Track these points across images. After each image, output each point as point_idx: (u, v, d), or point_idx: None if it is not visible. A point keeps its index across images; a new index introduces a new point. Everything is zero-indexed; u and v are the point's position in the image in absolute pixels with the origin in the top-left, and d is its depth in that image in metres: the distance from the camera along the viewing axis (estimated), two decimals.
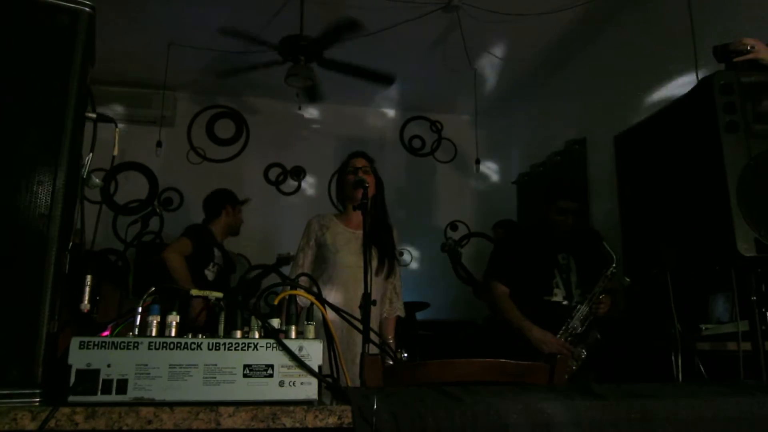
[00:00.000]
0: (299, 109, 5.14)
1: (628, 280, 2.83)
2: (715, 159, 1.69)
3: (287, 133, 6.09)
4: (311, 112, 5.79)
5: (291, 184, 6.11)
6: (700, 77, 2.85)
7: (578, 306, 2.91)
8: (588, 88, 4.86)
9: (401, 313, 2.89)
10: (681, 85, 3.47)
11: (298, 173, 6.12)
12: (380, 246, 2.73)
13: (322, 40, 4.08)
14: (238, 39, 4.16)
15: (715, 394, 1.15)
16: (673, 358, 2.25)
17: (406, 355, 2.86)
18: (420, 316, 5.24)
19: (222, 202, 3.95)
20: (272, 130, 6.10)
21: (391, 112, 6.39)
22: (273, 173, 6.09)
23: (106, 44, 4.62)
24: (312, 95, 4.78)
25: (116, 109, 5.41)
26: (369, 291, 2.14)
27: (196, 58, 5.07)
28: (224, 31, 4.09)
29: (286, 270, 4.72)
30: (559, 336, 2.87)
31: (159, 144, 5.26)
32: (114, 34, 4.58)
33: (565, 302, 2.97)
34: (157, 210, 4.98)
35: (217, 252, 3.82)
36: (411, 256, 5.87)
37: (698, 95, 1.81)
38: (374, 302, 2.14)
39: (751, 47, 1.78)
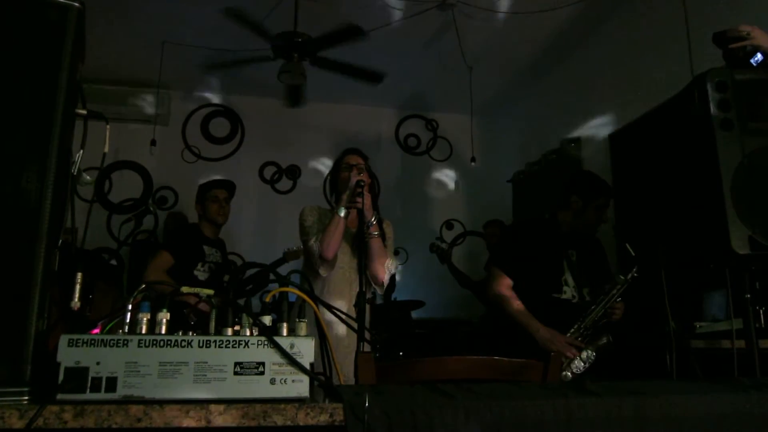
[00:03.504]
0: (297, 107, 5.13)
1: (623, 277, 2.80)
2: (710, 157, 1.68)
3: (282, 132, 6.08)
4: (306, 110, 5.77)
5: (286, 182, 6.09)
6: (694, 76, 2.85)
7: (592, 307, 2.79)
8: (583, 86, 4.86)
9: (389, 266, 2.67)
10: (676, 83, 3.47)
11: (293, 172, 6.11)
12: None
13: (320, 41, 4.05)
14: (240, 25, 4.07)
15: (708, 391, 1.15)
16: (667, 355, 2.25)
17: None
18: (415, 314, 5.24)
19: (196, 201, 3.86)
20: (267, 129, 6.08)
21: (386, 111, 6.38)
22: (268, 172, 6.08)
23: (100, 42, 4.60)
24: (295, 98, 4.75)
25: (109, 108, 5.38)
26: (363, 290, 2.13)
27: (190, 57, 5.05)
28: (228, 13, 3.99)
29: (288, 266, 4.69)
30: (569, 335, 2.75)
31: (153, 142, 5.25)
32: (108, 32, 4.56)
33: (575, 300, 2.85)
34: (152, 209, 4.97)
35: (208, 250, 3.72)
36: (406, 255, 5.86)
37: (692, 93, 1.81)
38: (369, 301, 2.13)
39: (747, 33, 1.79)
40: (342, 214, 2.52)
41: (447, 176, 6.48)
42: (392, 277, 2.82)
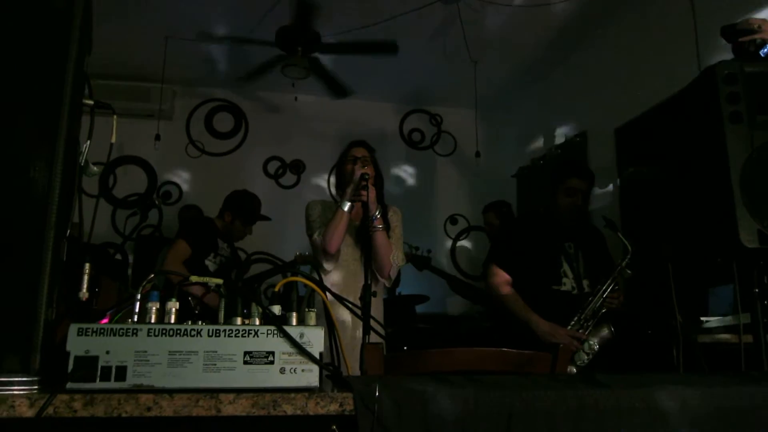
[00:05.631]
0: (296, 100, 5.13)
1: (629, 272, 2.79)
2: (718, 150, 1.67)
3: (286, 127, 6.07)
4: (310, 105, 5.76)
5: (290, 177, 6.09)
6: (702, 69, 2.83)
7: (590, 298, 2.78)
8: (589, 80, 4.84)
9: (395, 260, 2.65)
10: (682, 77, 3.46)
11: (297, 167, 6.10)
12: None
13: (322, 47, 4.08)
14: (231, 42, 4.16)
15: (719, 383, 1.14)
16: (674, 350, 2.24)
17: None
18: (419, 309, 5.24)
19: (226, 206, 3.90)
20: (271, 124, 6.08)
21: (390, 105, 6.36)
22: (272, 167, 6.08)
23: (104, 37, 4.56)
24: (339, 91, 4.81)
25: (114, 103, 5.36)
26: (369, 282, 2.13)
27: (193, 51, 5.04)
28: (211, 38, 4.09)
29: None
30: (569, 328, 2.75)
31: (157, 137, 5.25)
32: (111, 27, 4.55)
33: (574, 292, 2.84)
34: (156, 203, 4.98)
35: (221, 243, 3.78)
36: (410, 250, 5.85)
37: (701, 85, 1.80)
38: (374, 293, 2.13)
39: (758, 27, 1.77)
40: (346, 208, 2.52)
41: (451, 171, 6.46)
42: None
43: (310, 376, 0.98)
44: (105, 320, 1.03)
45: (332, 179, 2.92)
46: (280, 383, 0.97)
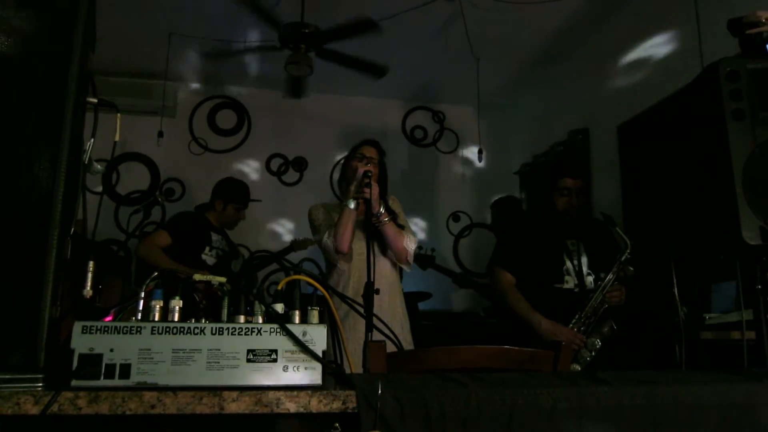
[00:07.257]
0: (299, 98, 5.12)
1: (631, 269, 2.79)
2: (721, 147, 1.67)
3: (289, 124, 6.07)
4: (313, 102, 5.75)
5: (293, 174, 6.09)
6: (704, 66, 2.82)
7: (591, 294, 2.79)
8: (592, 77, 4.83)
9: (409, 244, 2.70)
10: (685, 74, 3.45)
11: (300, 164, 6.10)
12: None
13: (330, 34, 4.04)
14: (249, 13, 4.09)
15: (721, 380, 1.14)
16: (676, 347, 2.24)
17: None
18: (422, 306, 5.24)
19: (216, 195, 3.93)
20: (274, 121, 6.07)
21: (393, 102, 6.35)
22: (275, 164, 6.08)
23: (107, 34, 4.59)
24: (297, 90, 4.77)
25: (117, 100, 5.36)
26: (372, 280, 2.13)
27: (197, 48, 5.04)
28: (214, 35, 4.06)
29: (292, 257, 4.77)
30: (571, 326, 2.76)
31: (160, 134, 5.25)
32: (114, 23, 4.56)
33: (576, 290, 2.86)
34: (159, 200, 4.98)
35: (215, 236, 3.78)
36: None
37: (704, 82, 1.79)
38: (377, 291, 2.13)
39: (765, 19, 1.76)
40: (352, 206, 2.54)
41: (454, 168, 6.46)
42: (399, 270, 2.85)
43: (313, 374, 0.99)
44: (109, 318, 1.04)
45: (335, 175, 2.94)
46: (283, 381, 0.97)
